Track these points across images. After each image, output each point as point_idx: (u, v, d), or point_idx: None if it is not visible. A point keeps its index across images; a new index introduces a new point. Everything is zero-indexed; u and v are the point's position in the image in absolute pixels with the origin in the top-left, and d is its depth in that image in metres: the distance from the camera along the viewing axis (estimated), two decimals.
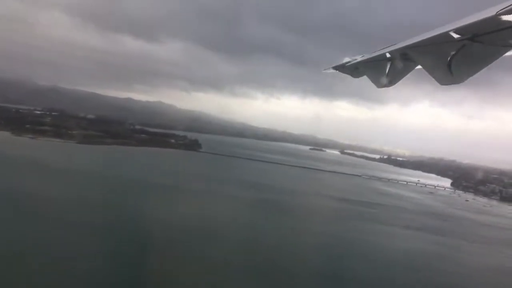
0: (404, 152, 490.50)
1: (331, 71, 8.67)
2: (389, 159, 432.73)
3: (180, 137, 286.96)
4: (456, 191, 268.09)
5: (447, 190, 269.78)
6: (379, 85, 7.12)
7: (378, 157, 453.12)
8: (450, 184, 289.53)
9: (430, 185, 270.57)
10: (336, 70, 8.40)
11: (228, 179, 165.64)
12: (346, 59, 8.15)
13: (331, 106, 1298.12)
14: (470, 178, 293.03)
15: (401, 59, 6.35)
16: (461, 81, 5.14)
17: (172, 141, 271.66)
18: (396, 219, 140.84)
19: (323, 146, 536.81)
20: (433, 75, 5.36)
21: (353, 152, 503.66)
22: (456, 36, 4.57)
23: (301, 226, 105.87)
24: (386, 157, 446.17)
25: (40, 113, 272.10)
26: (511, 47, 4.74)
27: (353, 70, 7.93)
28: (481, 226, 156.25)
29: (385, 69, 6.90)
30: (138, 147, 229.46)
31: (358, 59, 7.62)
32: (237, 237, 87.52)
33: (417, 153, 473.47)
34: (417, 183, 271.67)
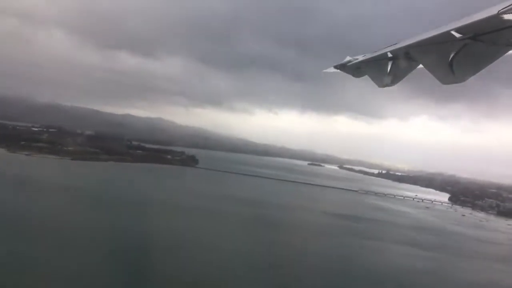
0: (403, 167, 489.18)
1: (332, 70, 8.53)
2: (388, 174, 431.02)
3: (177, 152, 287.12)
4: (453, 205, 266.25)
5: (444, 205, 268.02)
6: (380, 84, 7.17)
7: (377, 171, 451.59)
8: (447, 199, 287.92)
9: (427, 200, 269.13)
10: (337, 70, 8.32)
11: (219, 195, 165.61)
12: (348, 58, 8.10)
13: (329, 120, 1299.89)
14: (468, 193, 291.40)
15: (403, 58, 6.41)
16: (463, 80, 5.22)
17: (169, 157, 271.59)
18: (386, 233, 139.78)
19: (321, 161, 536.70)
20: (434, 74, 5.43)
21: (351, 167, 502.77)
22: (457, 35, 4.62)
23: (286, 240, 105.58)
24: (384, 171, 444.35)
25: (37, 129, 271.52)
26: None
27: (355, 69, 7.90)
28: (474, 241, 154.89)
29: (386, 68, 6.92)
30: (133, 164, 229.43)
31: (360, 58, 7.63)
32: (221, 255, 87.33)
33: (416, 167, 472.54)
34: (414, 198, 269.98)
